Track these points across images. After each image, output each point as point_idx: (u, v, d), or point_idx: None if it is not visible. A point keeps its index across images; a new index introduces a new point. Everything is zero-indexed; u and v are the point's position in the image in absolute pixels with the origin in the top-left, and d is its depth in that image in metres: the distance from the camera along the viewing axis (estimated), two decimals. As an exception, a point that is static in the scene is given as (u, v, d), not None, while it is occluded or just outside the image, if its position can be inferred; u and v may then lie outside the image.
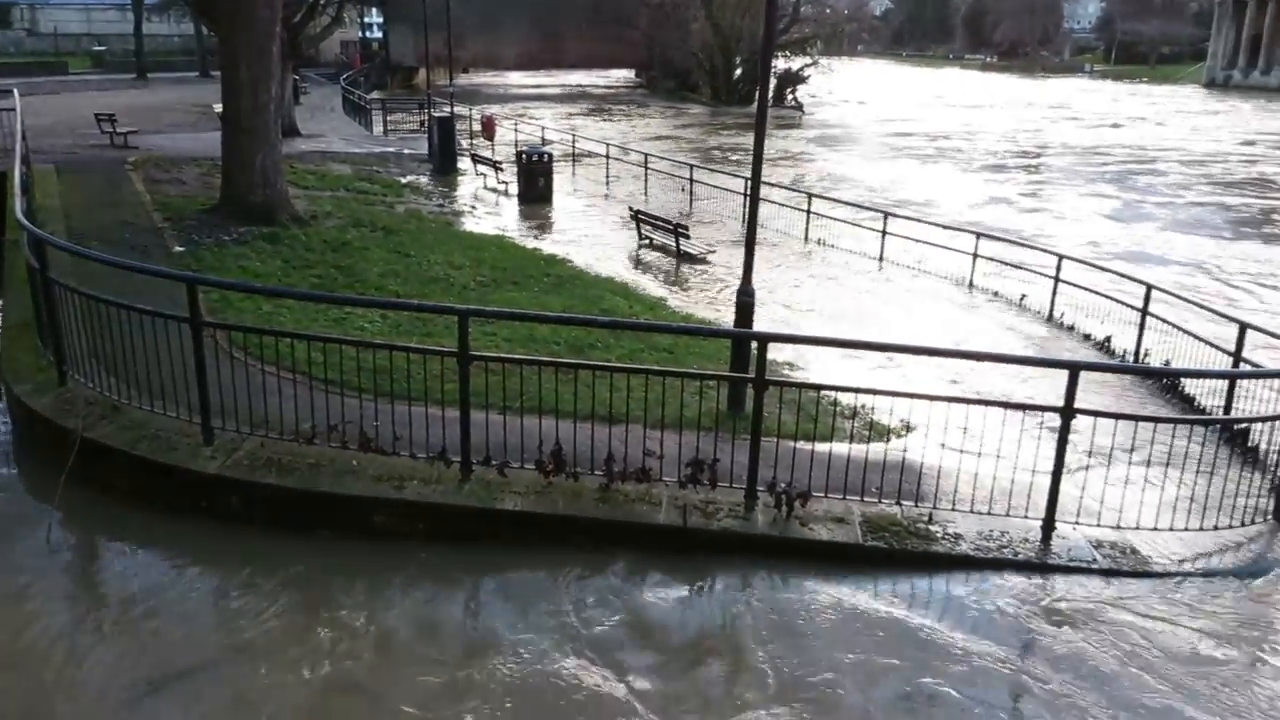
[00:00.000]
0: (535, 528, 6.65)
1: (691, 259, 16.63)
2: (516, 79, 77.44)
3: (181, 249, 13.18)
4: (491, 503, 6.71)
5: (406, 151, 29.00)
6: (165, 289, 7.56)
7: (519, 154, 23.57)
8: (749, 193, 8.75)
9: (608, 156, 26.40)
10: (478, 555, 6.43)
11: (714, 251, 16.97)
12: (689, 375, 7.69)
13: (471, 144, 30.53)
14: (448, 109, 29.28)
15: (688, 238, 16.78)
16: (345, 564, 6.30)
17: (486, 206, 21.89)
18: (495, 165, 24.53)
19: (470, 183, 24.76)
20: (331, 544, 6.52)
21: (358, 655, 5.46)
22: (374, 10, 64.68)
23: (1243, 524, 7.21)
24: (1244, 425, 8.42)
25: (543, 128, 32.60)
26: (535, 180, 22.53)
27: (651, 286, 15.01)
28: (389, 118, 35.53)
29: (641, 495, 6.87)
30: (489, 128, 32.31)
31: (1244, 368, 8.98)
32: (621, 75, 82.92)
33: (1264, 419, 7.84)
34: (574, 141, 28.97)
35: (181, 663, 5.34)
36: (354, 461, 6.97)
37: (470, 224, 19.44)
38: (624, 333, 10.72)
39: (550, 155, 23.62)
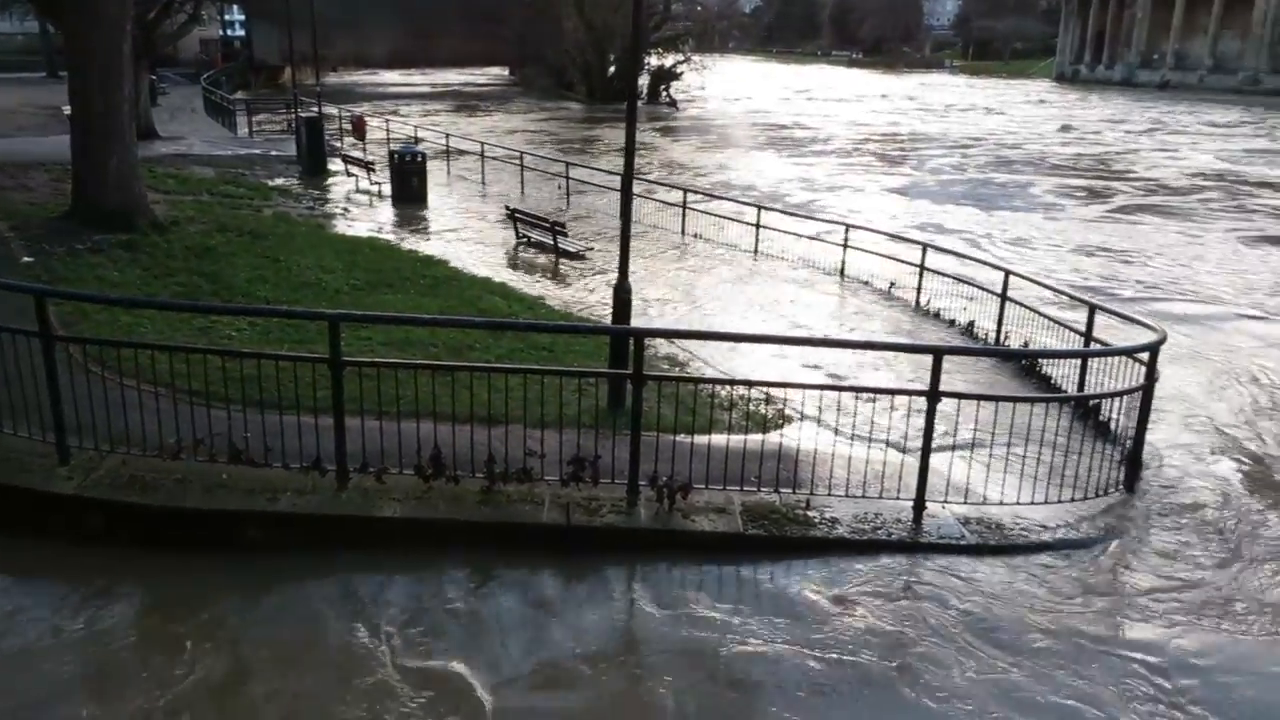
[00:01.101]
0: (416, 534, 6.56)
1: (570, 256, 16.62)
2: (388, 78, 75.91)
3: (30, 259, 12.47)
4: (370, 510, 6.58)
5: (274, 153, 28.11)
6: (13, 302, 7.16)
7: (392, 154, 23.12)
8: (622, 189, 8.78)
9: (483, 155, 26.15)
10: (357, 564, 6.30)
11: (592, 248, 17.00)
12: (568, 373, 7.70)
13: (342, 145, 29.81)
14: (316, 109, 28.51)
15: (565, 235, 16.77)
16: (216, 581, 6.08)
17: (359, 208, 21.41)
18: (367, 166, 24.01)
19: (342, 184, 24.17)
20: (201, 561, 6.28)
21: (227, 671, 5.28)
22: (235, 7, 62.47)
23: (1097, 495, 7.62)
24: (1096, 401, 8.89)
25: (415, 127, 32.06)
26: (409, 180, 22.13)
27: (530, 285, 14.95)
28: (254, 118, 34.35)
29: (524, 495, 6.85)
30: (360, 127, 31.61)
31: (1094, 347, 9.48)
32: (496, 73, 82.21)
33: (1113, 394, 8.30)
34: (448, 140, 28.57)
35: (35, 693, 5.07)
36: (224, 475, 6.73)
37: (343, 226, 18.97)
38: (503, 333, 10.66)
39: (424, 155, 23.25)
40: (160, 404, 6.76)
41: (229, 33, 72.82)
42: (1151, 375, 7.83)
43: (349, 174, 24.72)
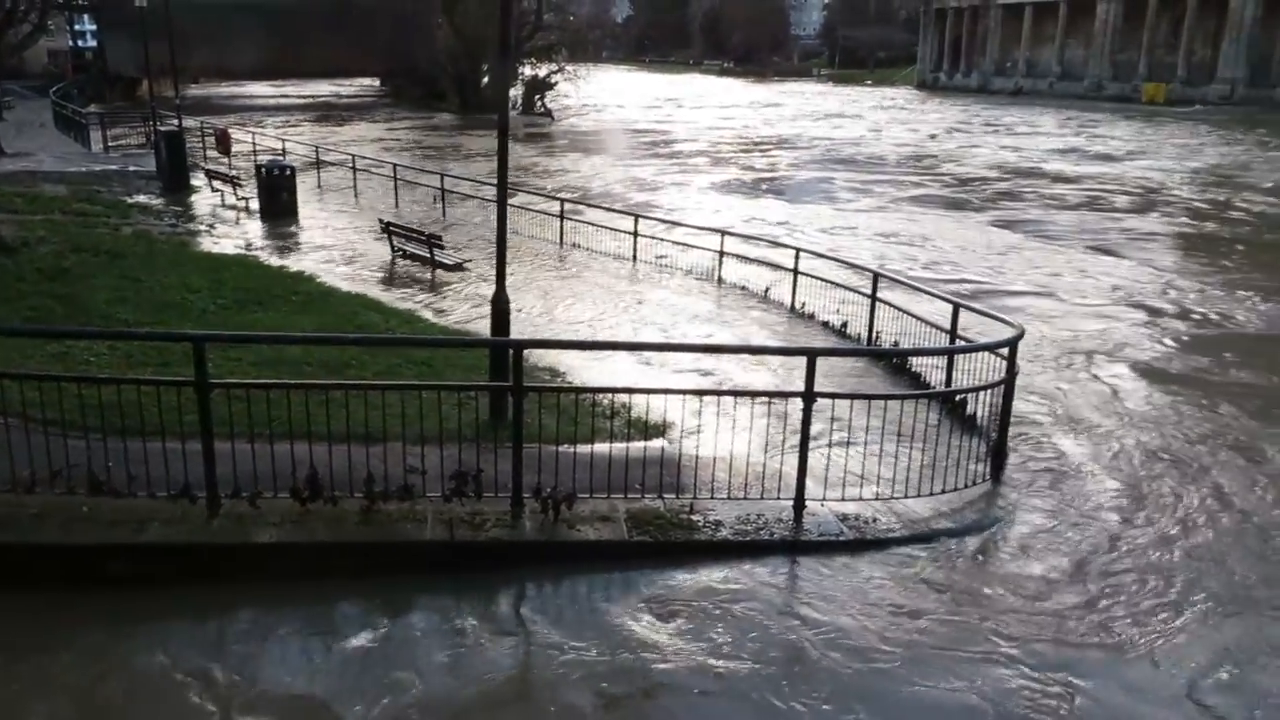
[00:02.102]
0: (294, 558, 6.38)
1: (448, 268, 16.41)
2: (254, 89, 73.56)
3: None
4: (244, 537, 6.36)
5: (132, 169, 26.93)
6: None
7: (259, 168, 22.42)
8: (497, 199, 8.74)
9: (354, 168, 25.61)
10: (232, 594, 6.08)
11: (470, 260, 16.84)
12: (447, 387, 7.62)
13: (205, 159, 28.77)
14: (176, 122, 27.42)
15: (441, 247, 16.55)
16: (76, 619, 5.77)
17: (225, 225, 20.68)
18: (233, 180, 23.21)
19: (206, 200, 23.32)
20: (60, 599, 5.96)
21: (91, 713, 5.04)
22: (85, 17, 59.62)
23: (966, 486, 7.93)
24: (962, 396, 9.26)
25: (283, 139, 31.15)
26: (278, 195, 21.49)
27: (408, 299, 14.71)
28: (110, 133, 32.79)
29: (406, 514, 6.73)
30: (224, 141, 30.55)
31: (959, 344, 9.87)
32: (366, 84, 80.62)
33: (977, 389, 8.66)
34: (318, 153, 27.88)
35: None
36: (84, 507, 6.40)
37: (208, 244, 18.31)
38: (380, 348, 10.46)
39: (293, 168, 22.62)
40: (12, 436, 6.40)
41: (80, 43, 69.46)
42: (1012, 369, 8.20)
43: (214, 189, 23.87)
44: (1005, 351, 8.29)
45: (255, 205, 21.84)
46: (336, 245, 18.94)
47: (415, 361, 10.28)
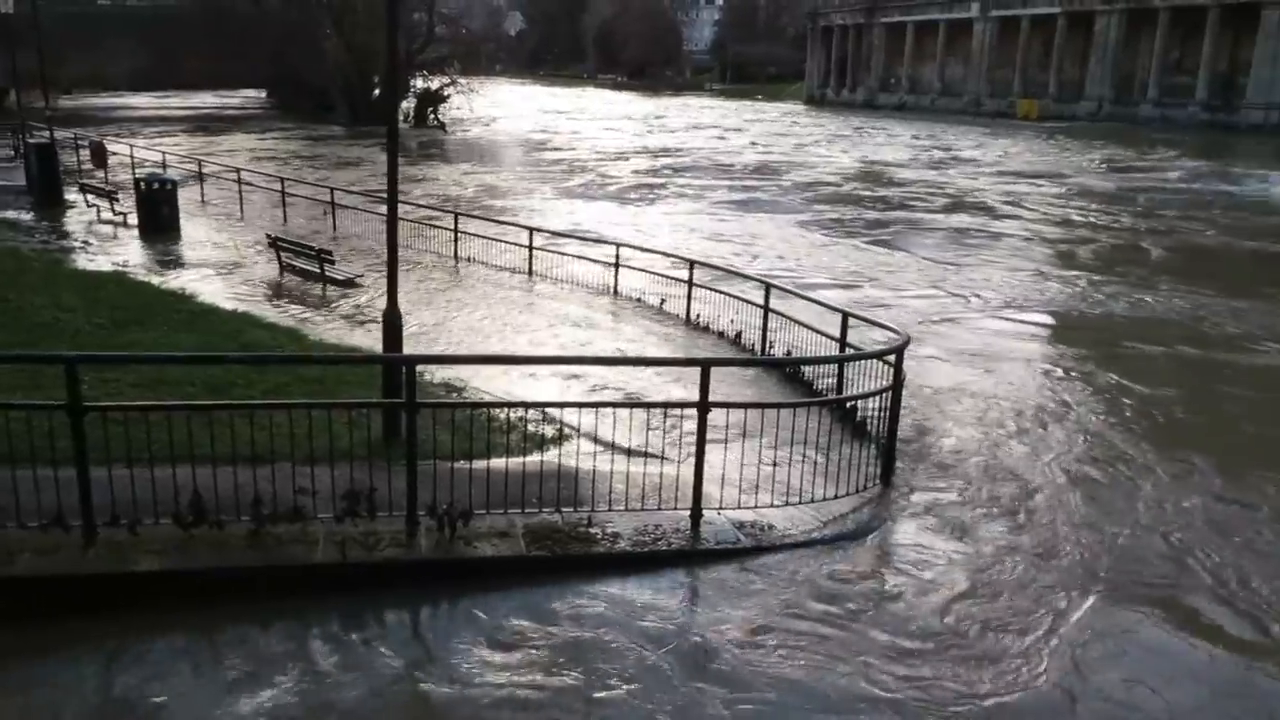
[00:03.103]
0: (178, 587, 6.15)
1: (339, 284, 16.07)
2: (133, 100, 70.81)
3: None
4: (124, 566, 6.11)
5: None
6: None
7: (138, 181, 21.58)
8: (388, 213, 8.61)
9: (240, 181, 24.88)
10: (112, 626, 5.82)
11: (362, 275, 16.53)
12: (338, 405, 7.46)
13: (80, 173, 27.58)
14: (47, 134, 26.23)
15: (332, 262, 16.20)
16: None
17: (102, 241, 19.85)
18: (110, 195, 22.30)
19: (81, 216, 22.35)
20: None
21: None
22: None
23: (859, 490, 8.13)
24: (852, 402, 9.48)
25: (164, 153, 30.06)
26: (158, 210, 20.71)
27: (298, 316, 14.34)
28: (-27, 146, 31.21)
29: (296, 536, 6.56)
30: (100, 154, 29.32)
31: (849, 351, 10.13)
32: (252, 95, 78.48)
33: (866, 395, 8.89)
34: (201, 166, 27.00)
35: None
36: (-54, 541, 6.06)
37: (83, 261, 17.55)
38: (268, 367, 10.17)
39: (174, 182, 21.84)
40: None
41: (-61, 51, 65.80)
42: (898, 375, 8.45)
43: (89, 204, 22.88)
44: (892, 359, 8.53)
45: (134, 221, 21.01)
46: (221, 261, 18.37)
47: (306, 380, 10.02)
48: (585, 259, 16.95)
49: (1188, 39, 64.27)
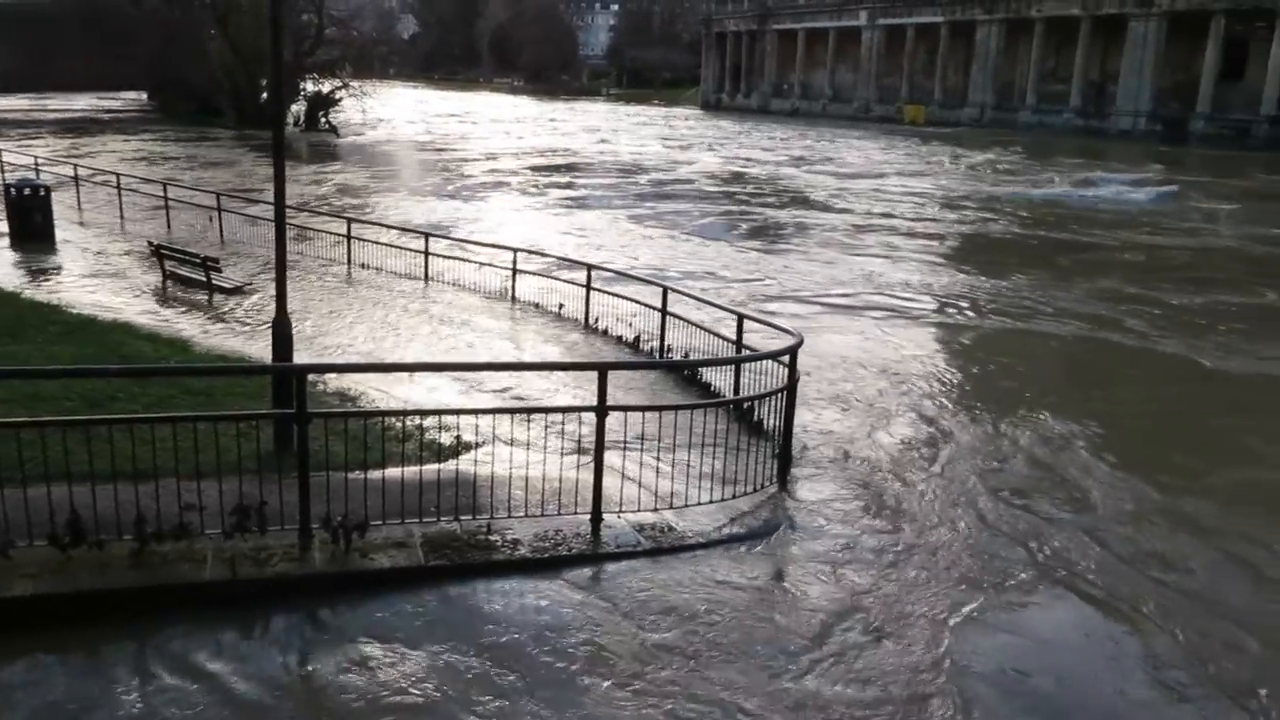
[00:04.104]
0: (56, 611, 5.88)
1: (227, 292, 15.59)
2: (5, 103, 67.35)
3: None
4: (-5, 591, 5.81)
5: None
6: None
7: (7, 187, 20.55)
8: (275, 218, 8.40)
9: (119, 187, 23.93)
10: (-18, 655, 5.54)
11: (251, 283, 16.08)
12: (225, 417, 7.23)
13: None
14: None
15: (219, 270, 15.70)
16: None
17: (-32, 250, 18.85)
18: (-25, 202, 21.18)
19: (-57, 224, 21.16)
20: None
21: None
22: None
23: (756, 490, 8.26)
24: (750, 403, 9.62)
25: (36, 157, 28.70)
26: (30, 217, 19.73)
27: (183, 326, 13.86)
28: None
29: (182, 553, 6.34)
30: (-38, 159, 27.82)
31: (745, 352, 10.28)
32: (132, 97, 75.53)
33: (762, 396, 9.04)
34: (77, 171, 25.86)
35: None
36: None
37: (-53, 272, 16.65)
38: (151, 379, 9.80)
39: (48, 188, 20.84)
40: None
41: None
42: (793, 376, 8.61)
43: (-48, 212, 21.70)
44: (786, 359, 8.69)
45: (3, 229, 20.01)
46: (100, 270, 17.64)
47: (192, 392, 9.70)
48: (483, 264, 16.82)
49: (1062, 49, 67.23)
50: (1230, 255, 24.07)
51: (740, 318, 10.54)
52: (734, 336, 10.66)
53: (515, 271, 15.96)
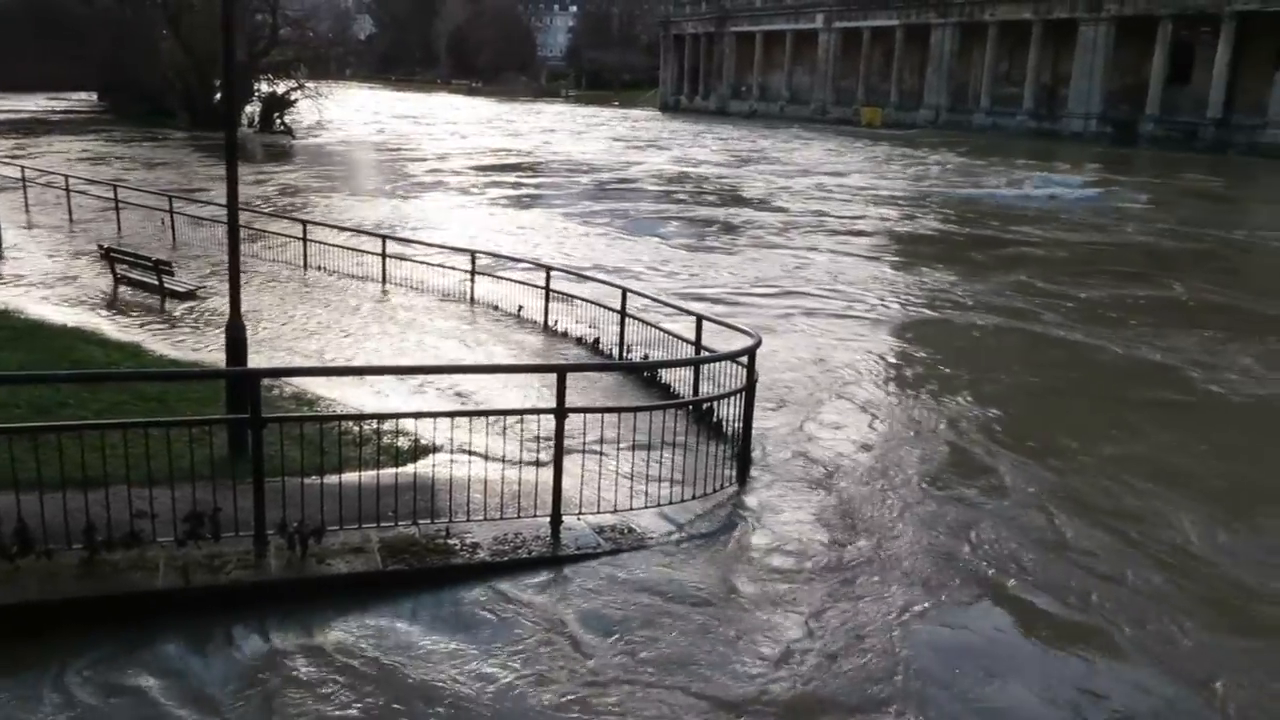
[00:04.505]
0: (3, 622, 5.76)
1: (180, 296, 15.35)
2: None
3: None
4: (-62, 604, 5.68)
5: None
6: None
7: (-50, 190, 20.12)
8: (228, 220, 8.30)
9: (68, 189, 23.48)
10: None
11: (204, 286, 15.86)
12: (178, 423, 7.11)
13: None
14: None
15: (171, 274, 15.45)
16: None
17: (-90, 254, 18.39)
18: (-81, 204, 20.69)
19: (-116, 227, 20.63)
20: None
21: None
22: None
23: (715, 490, 8.28)
24: (709, 404, 9.65)
25: (-19, 159, 28.18)
26: (-25, 220, 19.35)
27: (135, 331, 13.61)
28: None
29: (134, 562, 6.24)
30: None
31: (704, 354, 10.30)
32: (83, 98, 74.13)
33: (720, 396, 9.07)
34: (24, 173, 25.34)
35: None
36: None
37: (-112, 277, 16.24)
38: (102, 385, 9.63)
39: (-7, 191, 20.46)
40: None
41: None
42: (751, 376, 8.65)
43: (-107, 215, 21.18)
44: (745, 360, 8.73)
45: (-53, 232, 19.55)
46: (49, 274, 17.29)
47: (144, 398, 9.54)
48: (440, 266, 16.71)
49: (1015, 52, 68.16)
50: (1143, 250, 24.84)
51: (699, 319, 10.57)
52: (693, 337, 10.68)
53: (473, 274, 15.87)
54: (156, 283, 15.48)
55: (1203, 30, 57.64)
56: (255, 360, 10.18)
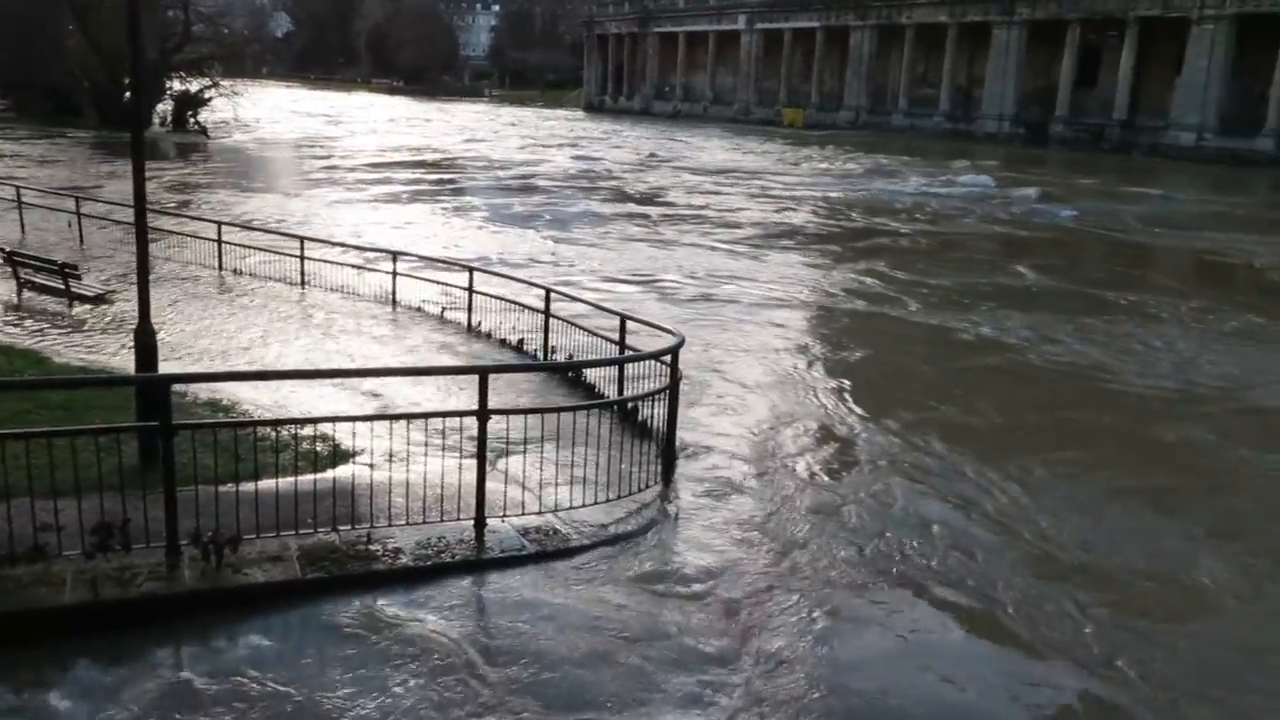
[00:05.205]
0: (-105, 643, 5.51)
1: (89, 300, 14.82)
2: None
3: None
4: None
5: None
6: None
7: None
8: (136, 222, 8.04)
9: (-35, 192, 22.56)
10: None
11: (113, 290, 15.35)
12: (84, 432, 6.87)
13: None
14: None
15: (78, 278, 14.91)
16: None
17: None
18: None
19: None
20: None
21: None
22: None
23: (641, 489, 8.30)
24: (634, 403, 9.66)
25: None
26: None
27: (39, 337, 13.12)
28: None
29: (39, 577, 6.02)
30: None
31: (628, 353, 10.32)
32: (-19, 96, 71.18)
33: (644, 396, 9.09)
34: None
35: None
36: None
37: None
38: (4, 393, 9.26)
39: (-117, 192, 19.55)
40: None
41: None
42: (675, 375, 8.68)
43: None
44: (668, 359, 8.76)
45: None
46: (-54, 279, 16.57)
47: (50, 406, 9.20)
48: (362, 268, 16.46)
49: (932, 54, 69.67)
50: (999, 240, 26.99)
51: (623, 318, 10.58)
52: (616, 337, 10.68)
53: (395, 275, 15.65)
54: (63, 287, 14.94)
55: (1108, 34, 59.60)
56: (169, 366, 9.91)
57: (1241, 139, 51.40)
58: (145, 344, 8.10)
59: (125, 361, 11.72)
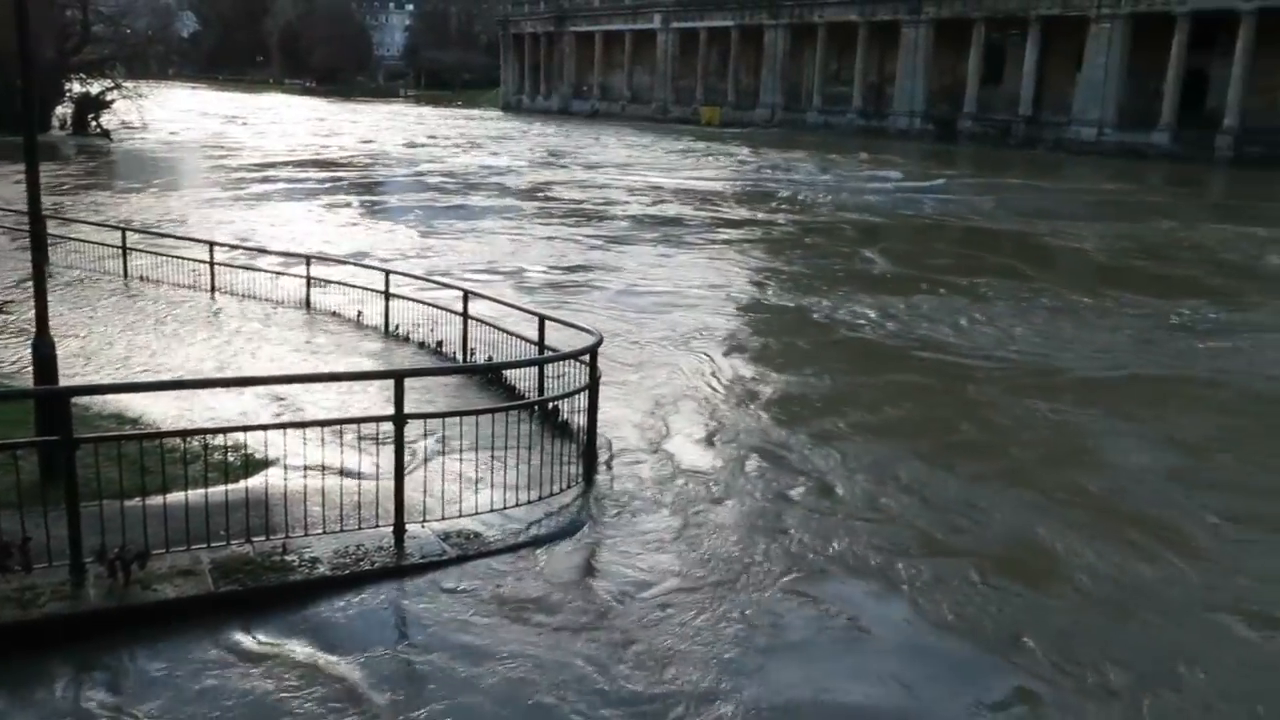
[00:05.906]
0: None
1: (-16, 312, 14.26)
2: None
3: None
4: None
5: None
6: None
7: None
8: (31, 229, 7.76)
9: None
10: None
11: (12, 300, 14.77)
12: (-24, 448, 6.60)
13: None
14: None
15: (-27, 289, 14.36)
16: None
17: None
18: None
19: None
20: None
21: None
22: None
23: (563, 489, 8.26)
24: (554, 404, 9.63)
25: None
26: None
27: (-70, 351, 12.57)
28: None
29: (-69, 602, 5.76)
30: None
31: (547, 353, 10.26)
32: None
33: (563, 396, 9.07)
34: None
35: None
36: None
37: None
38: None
39: None
40: None
41: None
42: (594, 374, 8.67)
43: None
44: (587, 358, 8.75)
45: None
46: None
47: (-59, 423, 8.81)
48: (275, 273, 16.10)
49: (844, 53, 70.88)
50: (861, 228, 28.02)
51: (541, 319, 10.53)
52: (535, 337, 10.63)
53: (309, 280, 15.34)
54: (-45, 298, 14.33)
55: (1011, 33, 61.31)
56: (70, 378, 9.56)
57: (1139, 133, 53.46)
58: (43, 355, 7.80)
59: (25, 374, 11.29)
